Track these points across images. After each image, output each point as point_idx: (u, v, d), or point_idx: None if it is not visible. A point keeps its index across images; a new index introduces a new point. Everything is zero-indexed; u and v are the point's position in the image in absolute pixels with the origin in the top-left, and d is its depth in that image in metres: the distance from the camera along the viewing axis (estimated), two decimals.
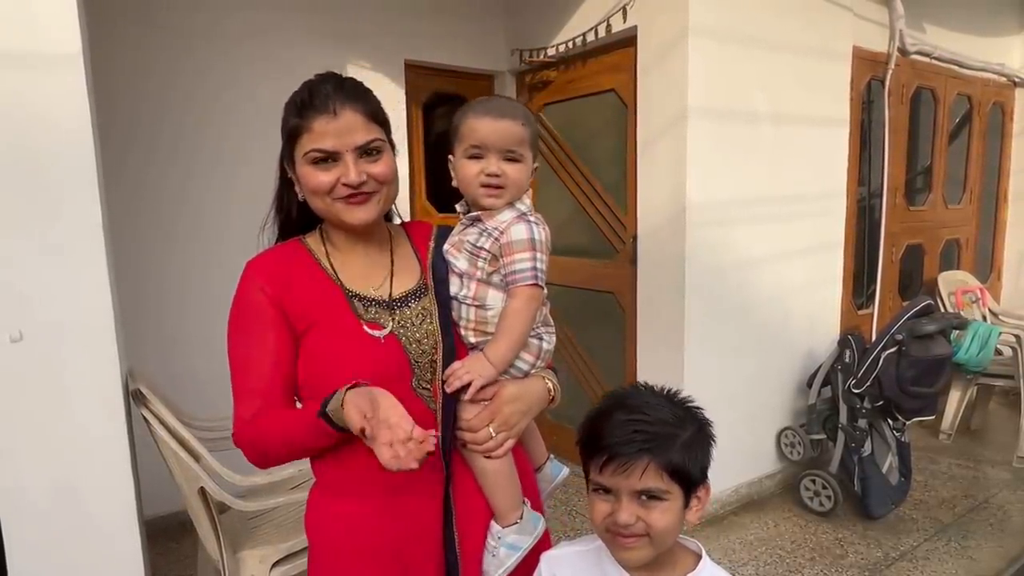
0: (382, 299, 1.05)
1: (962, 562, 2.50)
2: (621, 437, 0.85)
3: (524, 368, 1.07)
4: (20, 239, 1.39)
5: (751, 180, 2.86)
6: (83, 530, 1.51)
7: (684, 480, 0.87)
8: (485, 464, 1.03)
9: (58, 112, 1.40)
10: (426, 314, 1.06)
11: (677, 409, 0.90)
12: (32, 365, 1.42)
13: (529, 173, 1.07)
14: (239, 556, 1.73)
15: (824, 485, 2.85)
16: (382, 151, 1.01)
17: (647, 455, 0.84)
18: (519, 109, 1.08)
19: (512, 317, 1.02)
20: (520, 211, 1.06)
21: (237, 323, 1.03)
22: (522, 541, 1.04)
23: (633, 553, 0.88)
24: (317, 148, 0.97)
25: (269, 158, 3.00)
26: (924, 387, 2.76)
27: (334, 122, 0.97)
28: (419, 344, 1.03)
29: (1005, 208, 4.54)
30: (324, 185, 0.98)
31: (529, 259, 1.02)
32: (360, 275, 1.06)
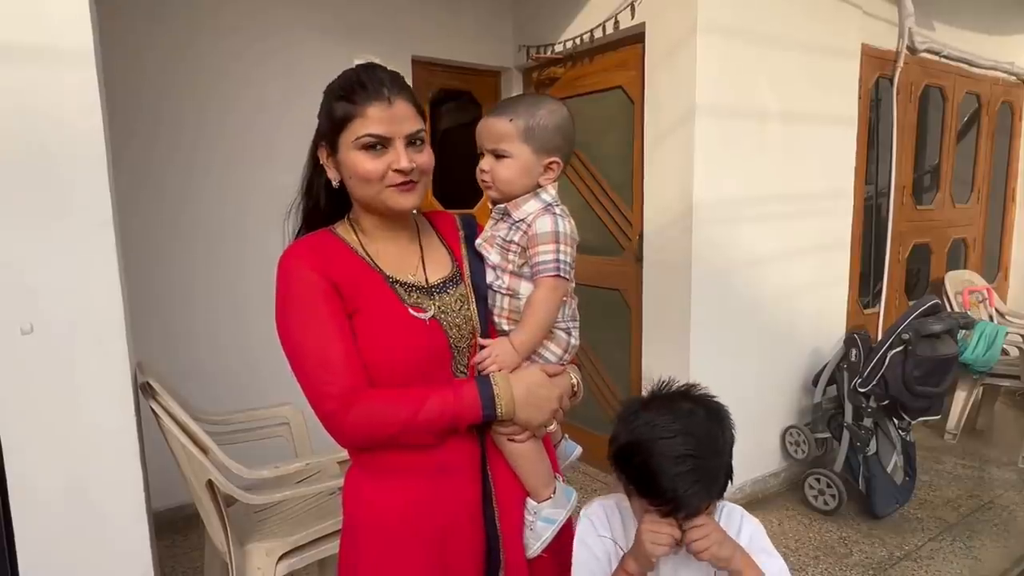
0: (421, 285, 1.08)
1: (967, 562, 2.50)
2: (685, 491, 0.89)
3: (552, 359, 1.10)
4: (31, 233, 1.40)
5: (758, 178, 2.85)
6: (92, 523, 1.52)
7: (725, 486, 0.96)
8: (512, 447, 1.06)
9: (70, 108, 1.40)
10: (463, 300, 1.10)
11: (708, 426, 0.94)
12: (42, 359, 1.43)
13: (521, 169, 1.08)
14: (246, 549, 1.74)
15: (829, 484, 2.84)
16: (424, 142, 1.05)
17: (707, 496, 0.92)
18: (519, 106, 1.08)
19: (536, 306, 1.06)
20: (545, 202, 1.09)
21: (299, 307, 1.00)
22: (557, 515, 1.08)
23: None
24: (371, 133, 0.99)
25: (276, 154, 3.05)
26: (930, 387, 2.76)
27: (389, 109, 0.99)
28: (458, 329, 1.07)
29: (1013, 208, 4.52)
30: (376, 172, 1.00)
31: (552, 251, 1.05)
32: (395, 262, 1.08)
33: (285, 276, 1.03)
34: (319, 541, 1.82)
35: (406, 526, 1.03)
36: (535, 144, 1.08)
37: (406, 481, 1.02)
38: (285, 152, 2.92)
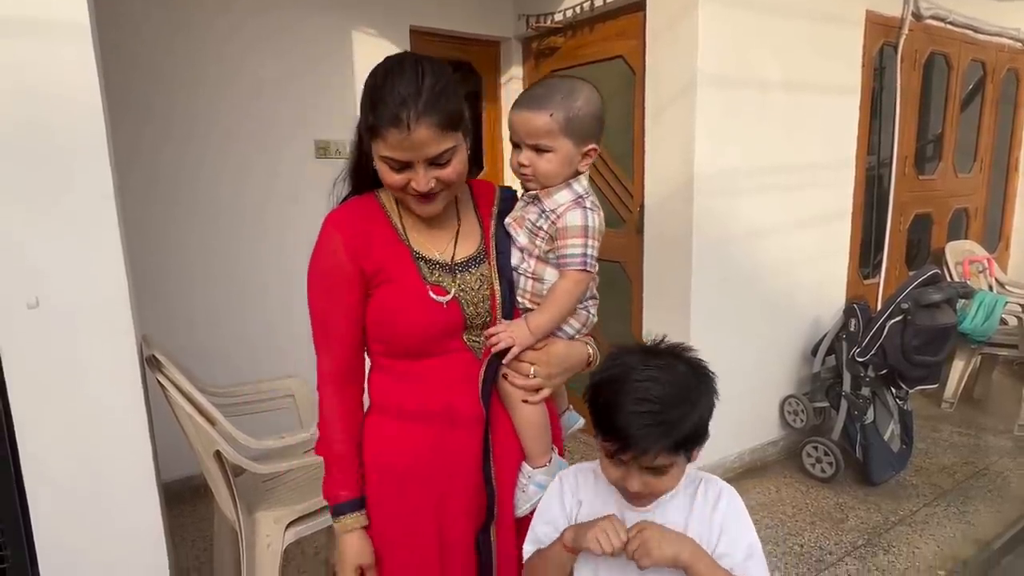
0: (445, 263, 1.12)
1: (960, 526, 2.55)
2: (637, 430, 0.88)
3: (570, 332, 1.17)
4: (34, 209, 1.40)
5: (760, 149, 2.84)
6: (104, 494, 1.55)
7: (688, 446, 0.92)
8: (522, 410, 1.12)
9: (68, 82, 1.39)
10: (484, 280, 1.14)
11: (684, 379, 0.92)
12: (50, 333, 1.44)
13: (563, 162, 1.10)
14: (255, 517, 1.77)
15: (826, 452, 2.89)
16: (456, 155, 1.04)
17: (660, 441, 0.89)
18: (555, 97, 1.07)
19: (558, 295, 1.10)
20: (577, 193, 1.11)
21: (317, 280, 1.10)
22: (544, 482, 1.13)
23: (643, 502, 0.97)
24: (390, 157, 1.01)
25: (272, 131, 3.02)
26: (928, 356, 2.78)
27: (407, 138, 0.98)
28: (476, 307, 1.12)
29: (1016, 177, 4.49)
30: (396, 183, 1.03)
31: (580, 245, 1.08)
32: (427, 237, 1.13)
33: (322, 242, 1.09)
34: (326, 509, 1.86)
35: (412, 467, 1.11)
36: (576, 136, 1.09)
37: (416, 427, 1.11)
38: (282, 130, 2.92)
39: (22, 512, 1.49)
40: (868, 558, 2.34)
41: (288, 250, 3.02)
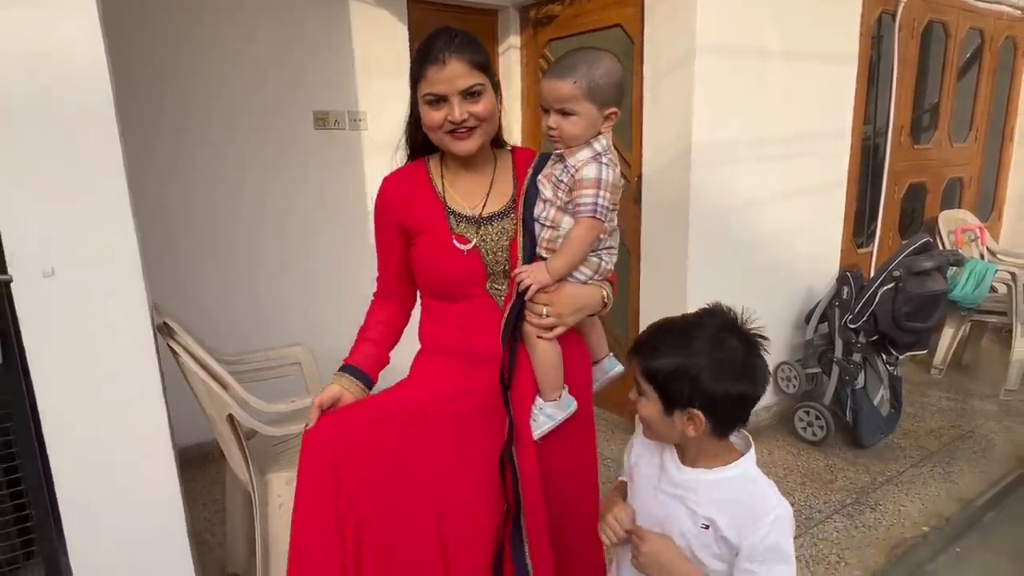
0: (473, 216, 1.32)
1: (945, 485, 2.64)
2: (647, 340, 1.07)
3: (582, 278, 1.29)
4: (47, 180, 1.42)
5: (757, 119, 2.85)
6: (123, 456, 1.59)
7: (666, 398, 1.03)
8: (538, 347, 1.27)
9: (73, 51, 1.40)
10: (505, 232, 1.31)
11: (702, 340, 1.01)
12: (65, 301, 1.47)
13: (589, 123, 1.21)
14: (266, 479, 1.84)
15: (817, 416, 2.97)
16: (483, 93, 1.23)
17: (634, 358, 1.06)
18: (579, 67, 1.19)
19: (572, 240, 1.23)
20: (596, 151, 1.22)
21: (374, 223, 1.41)
22: (557, 414, 1.31)
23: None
24: (430, 92, 1.22)
25: (274, 99, 3.01)
26: (919, 322, 2.85)
27: (443, 71, 1.19)
28: (495, 256, 1.31)
29: (1011, 147, 4.52)
30: (435, 121, 1.24)
31: (592, 195, 1.20)
32: (462, 194, 1.34)
33: (377, 196, 1.39)
34: None
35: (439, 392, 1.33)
36: (598, 101, 1.20)
37: (445, 360, 1.37)
38: (280, 101, 2.92)
39: (45, 475, 1.55)
40: (855, 516, 2.44)
41: (291, 220, 3.05)
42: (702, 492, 1.05)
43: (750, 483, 1.04)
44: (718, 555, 1.03)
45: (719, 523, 1.02)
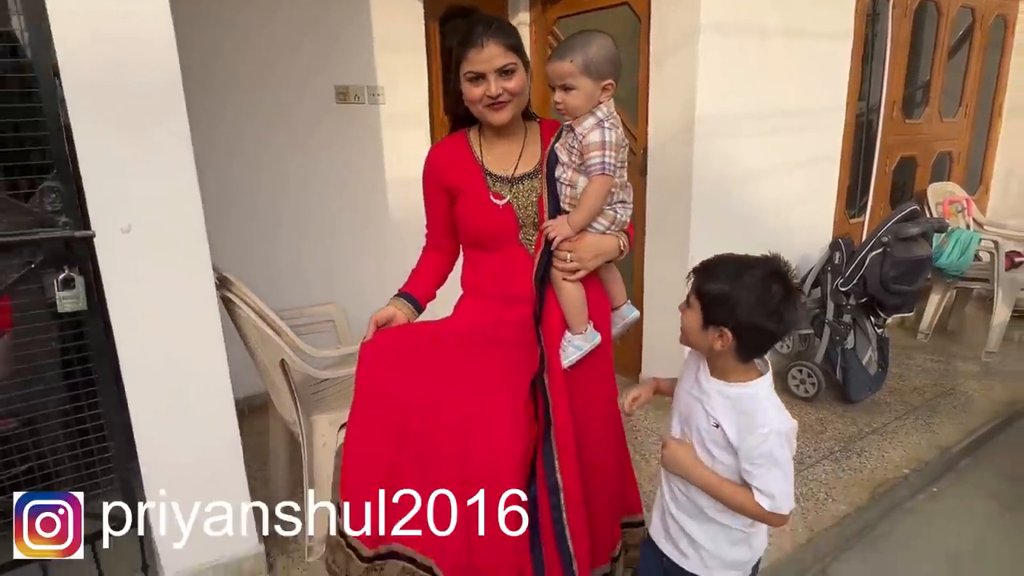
0: (507, 177, 1.54)
1: (925, 435, 2.87)
2: (700, 272, 1.27)
3: (600, 229, 1.48)
4: (122, 146, 1.59)
5: (757, 95, 3.01)
6: (188, 391, 1.79)
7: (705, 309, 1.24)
8: (564, 288, 1.47)
9: (148, 33, 1.56)
10: (533, 190, 1.53)
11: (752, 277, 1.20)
12: (139, 256, 1.65)
13: (587, 95, 1.39)
14: (311, 420, 2.03)
15: (810, 374, 3.18)
16: (515, 71, 1.44)
17: (697, 278, 1.27)
18: (576, 47, 1.38)
19: (587, 196, 1.42)
20: (599, 118, 1.40)
21: (423, 189, 1.64)
22: (583, 345, 1.49)
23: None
24: (470, 70, 1.43)
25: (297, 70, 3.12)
26: (905, 285, 3.05)
27: (481, 53, 1.40)
28: (525, 210, 1.53)
29: (999, 123, 4.69)
30: (475, 96, 1.45)
31: (599, 156, 1.38)
32: (497, 158, 1.56)
33: (425, 165, 1.62)
34: None
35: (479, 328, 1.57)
36: (593, 75, 1.38)
37: (492, 302, 1.59)
38: (308, 72, 3.06)
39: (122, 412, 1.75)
40: (842, 460, 2.66)
41: (317, 188, 3.21)
42: (716, 399, 1.27)
43: (756, 402, 1.24)
44: (725, 449, 1.25)
45: (725, 427, 1.23)
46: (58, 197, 1.57)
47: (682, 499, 1.36)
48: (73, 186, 1.59)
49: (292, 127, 3.09)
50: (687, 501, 1.35)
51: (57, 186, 1.57)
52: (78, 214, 1.61)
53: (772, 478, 1.20)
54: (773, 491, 1.20)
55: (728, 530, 1.32)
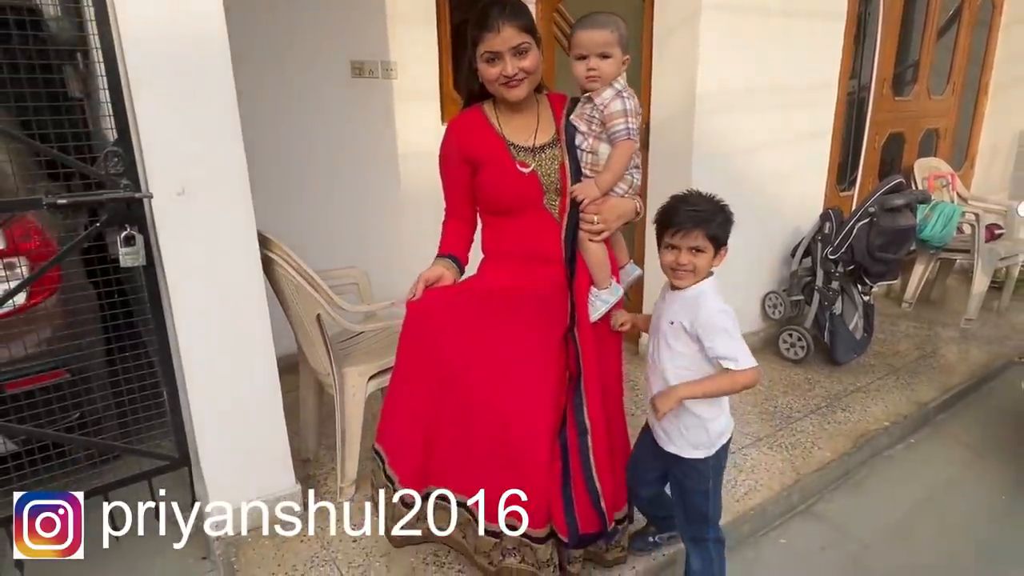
0: (528, 146, 1.67)
1: (905, 392, 3.08)
2: (685, 218, 1.48)
3: (620, 193, 1.63)
4: (175, 115, 1.73)
5: (755, 72, 3.16)
6: (233, 342, 1.95)
7: (715, 242, 1.50)
8: (590, 246, 1.62)
9: (201, 10, 1.70)
10: (555, 158, 1.66)
11: (714, 205, 1.49)
12: (192, 216, 1.80)
13: (619, 64, 1.55)
14: (343, 372, 2.20)
15: (799, 338, 3.38)
16: (529, 50, 1.56)
17: (698, 227, 1.47)
18: (610, 20, 1.54)
19: (614, 159, 1.57)
20: (617, 89, 1.55)
21: (441, 159, 1.76)
22: (610, 298, 1.66)
23: (684, 280, 1.53)
24: (487, 51, 1.55)
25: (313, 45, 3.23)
26: (890, 254, 3.24)
27: (497, 36, 1.52)
28: (549, 177, 1.66)
29: (985, 100, 4.85)
30: (493, 75, 1.57)
31: (623, 123, 1.54)
32: (516, 130, 1.68)
33: (445, 137, 1.73)
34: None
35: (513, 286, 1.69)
36: (622, 48, 1.55)
37: (514, 263, 1.72)
38: (318, 50, 3.18)
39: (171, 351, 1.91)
40: (828, 415, 2.87)
41: (333, 162, 3.35)
42: (675, 304, 1.56)
43: (703, 295, 1.53)
44: (683, 341, 1.54)
45: (680, 319, 1.53)
46: (120, 161, 1.73)
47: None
48: (132, 152, 1.74)
49: (311, 101, 3.22)
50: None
51: (119, 151, 1.72)
52: (137, 177, 1.76)
53: (726, 342, 1.49)
54: (733, 353, 1.47)
55: (695, 417, 1.59)
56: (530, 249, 1.69)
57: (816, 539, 2.23)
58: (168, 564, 2.08)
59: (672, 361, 1.56)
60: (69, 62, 2.72)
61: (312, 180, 3.30)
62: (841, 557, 2.14)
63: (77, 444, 1.91)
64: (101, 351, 2.10)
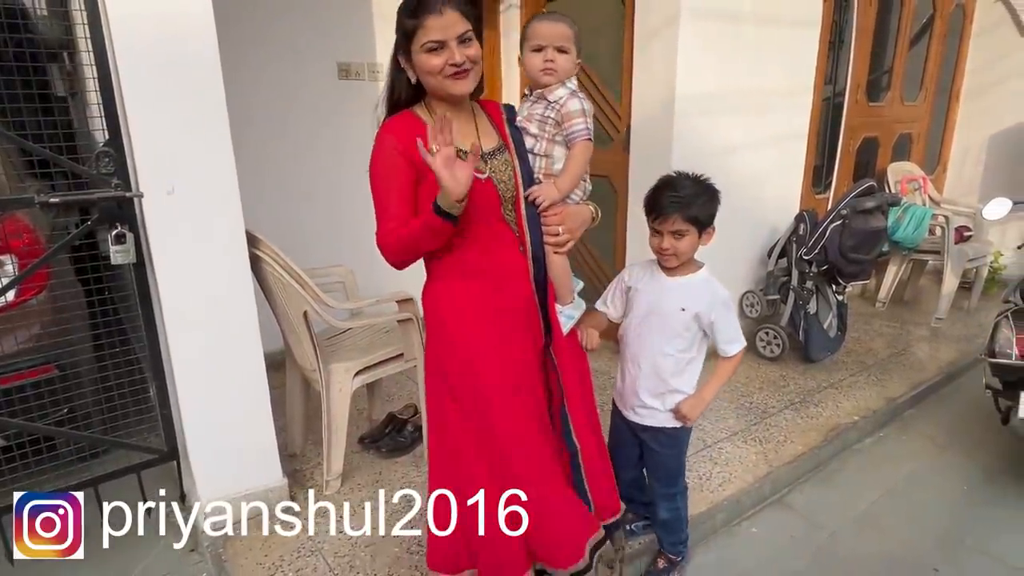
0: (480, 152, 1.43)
1: (876, 388, 3.19)
2: (665, 203, 1.59)
3: (576, 199, 1.61)
4: (167, 116, 1.77)
5: (733, 77, 3.25)
6: (221, 338, 2.00)
7: (698, 224, 1.60)
8: (555, 259, 1.57)
9: (192, 11, 1.75)
10: (507, 164, 1.52)
11: (698, 186, 1.62)
12: (181, 215, 1.85)
13: (574, 62, 1.52)
14: (329, 368, 2.25)
15: (775, 336, 3.48)
16: (473, 39, 1.40)
17: (677, 212, 1.58)
18: (567, 18, 1.54)
19: (573, 160, 1.53)
20: (571, 89, 1.53)
21: (379, 169, 1.44)
22: (575, 314, 1.65)
23: (669, 262, 1.67)
24: (431, 39, 1.35)
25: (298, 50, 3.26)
26: (862, 254, 3.35)
27: (441, 19, 1.33)
28: (504, 184, 1.50)
29: (956, 107, 4.99)
30: (438, 66, 1.37)
31: (582, 122, 1.50)
32: (457, 135, 1.40)
33: (379, 143, 1.44)
34: (380, 364, 2.36)
35: (479, 309, 1.51)
36: (577, 48, 1.53)
37: (476, 283, 1.51)
38: (305, 52, 3.23)
39: (160, 347, 1.95)
40: (801, 410, 2.97)
41: (321, 162, 3.39)
42: (678, 290, 1.69)
43: (709, 282, 1.71)
44: (687, 326, 1.68)
45: (691, 306, 1.66)
46: (111, 161, 1.77)
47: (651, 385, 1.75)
48: (124, 152, 1.78)
49: (299, 102, 3.27)
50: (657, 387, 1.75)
51: (110, 151, 1.76)
52: (128, 177, 1.80)
53: (730, 322, 1.69)
54: (738, 334, 1.70)
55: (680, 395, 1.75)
56: (495, 265, 1.51)
57: (787, 528, 2.32)
58: (158, 556, 2.11)
59: (669, 345, 1.69)
60: (56, 62, 2.75)
61: (300, 180, 3.35)
62: (810, 546, 2.23)
63: (66, 438, 1.94)
64: (89, 347, 2.13)
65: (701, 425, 2.80)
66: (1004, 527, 2.32)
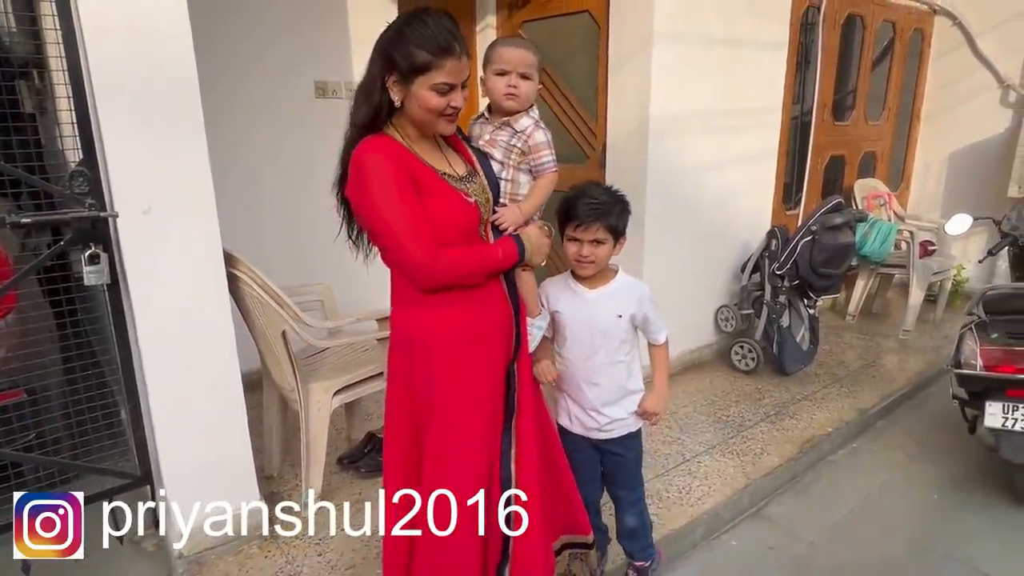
0: (457, 176, 1.47)
1: (848, 400, 3.26)
2: (585, 212, 1.60)
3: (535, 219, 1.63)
4: (144, 136, 1.76)
5: (704, 97, 3.34)
6: (198, 357, 1.97)
7: (615, 233, 1.63)
8: (523, 274, 1.61)
9: (166, 32, 1.74)
10: (483, 187, 1.52)
11: (611, 196, 1.65)
12: (158, 234, 1.82)
13: (535, 89, 1.56)
14: (308, 387, 2.23)
15: (750, 349, 3.54)
16: (467, 85, 1.41)
17: (598, 221, 1.60)
18: (531, 45, 1.59)
19: (540, 189, 1.60)
20: (534, 119, 1.58)
21: (390, 192, 1.34)
22: (542, 325, 1.70)
23: (586, 271, 1.67)
24: (444, 81, 1.34)
25: (276, 69, 3.26)
26: (831, 269, 3.44)
27: (458, 64, 1.34)
28: (485, 206, 1.51)
29: (917, 126, 5.18)
30: (439, 106, 1.36)
31: (548, 154, 1.57)
32: (430, 160, 1.44)
33: (374, 165, 1.34)
34: (360, 384, 2.34)
35: (464, 336, 1.50)
36: (538, 74, 1.56)
37: (461, 309, 1.48)
38: (282, 71, 3.23)
39: (128, 370, 1.91)
40: (777, 422, 3.02)
41: (298, 180, 3.38)
42: (607, 299, 1.70)
43: (633, 282, 1.74)
44: (626, 330, 1.71)
45: (624, 309, 1.69)
46: (85, 181, 1.75)
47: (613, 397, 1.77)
48: (98, 171, 1.76)
49: (276, 120, 3.26)
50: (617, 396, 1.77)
51: (84, 171, 1.74)
52: (103, 197, 1.78)
53: (656, 313, 1.75)
54: (661, 323, 1.76)
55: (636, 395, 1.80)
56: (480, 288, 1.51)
57: (765, 540, 2.34)
58: None
59: (618, 352, 1.72)
60: (25, 79, 2.71)
61: (277, 198, 3.32)
62: (788, 556, 2.26)
63: (35, 464, 1.88)
64: (59, 370, 2.09)
65: (679, 439, 2.83)
66: (973, 533, 2.39)
